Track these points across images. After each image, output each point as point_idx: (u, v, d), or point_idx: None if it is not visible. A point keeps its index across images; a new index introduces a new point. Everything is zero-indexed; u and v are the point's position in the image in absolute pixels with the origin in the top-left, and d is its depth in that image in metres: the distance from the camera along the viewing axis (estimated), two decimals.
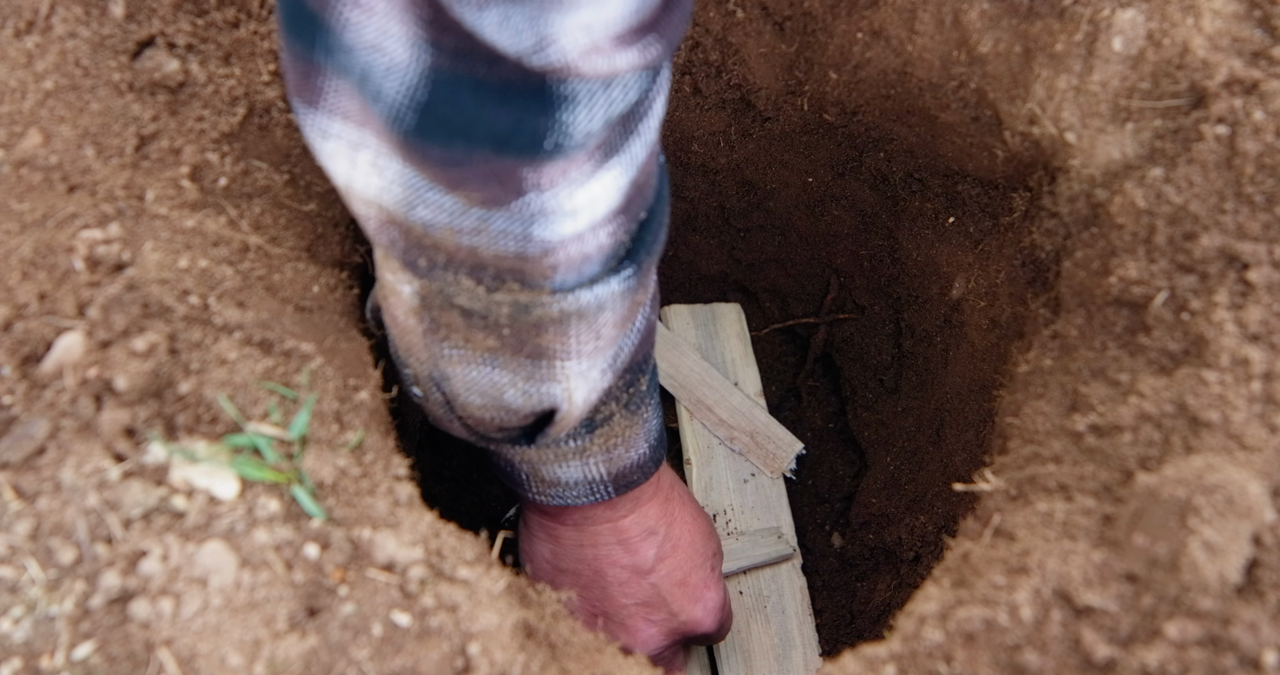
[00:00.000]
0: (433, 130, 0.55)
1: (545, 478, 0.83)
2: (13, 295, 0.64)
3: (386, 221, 0.62)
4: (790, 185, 1.14)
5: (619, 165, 0.60)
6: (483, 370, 0.70)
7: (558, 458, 0.81)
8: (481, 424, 0.76)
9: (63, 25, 0.76)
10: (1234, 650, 0.55)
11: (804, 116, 1.03)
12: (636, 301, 0.70)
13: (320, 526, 0.61)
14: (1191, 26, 0.75)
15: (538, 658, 0.62)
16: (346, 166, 0.60)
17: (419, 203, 0.59)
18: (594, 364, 0.71)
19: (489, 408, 0.73)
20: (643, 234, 0.67)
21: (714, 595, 0.96)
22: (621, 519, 0.89)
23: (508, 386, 0.71)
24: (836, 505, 1.27)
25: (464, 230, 0.60)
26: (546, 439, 0.77)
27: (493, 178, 0.56)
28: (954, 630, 0.61)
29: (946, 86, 0.87)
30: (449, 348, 0.69)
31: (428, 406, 0.77)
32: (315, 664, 0.56)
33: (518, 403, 0.72)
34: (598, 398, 0.76)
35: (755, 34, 0.99)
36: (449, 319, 0.67)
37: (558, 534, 0.90)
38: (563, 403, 0.72)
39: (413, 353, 0.72)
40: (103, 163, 0.73)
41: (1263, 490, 0.58)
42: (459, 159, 0.56)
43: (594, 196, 0.60)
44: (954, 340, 1.04)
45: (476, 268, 0.63)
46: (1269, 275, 0.66)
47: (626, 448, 0.83)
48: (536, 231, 0.60)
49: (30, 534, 0.57)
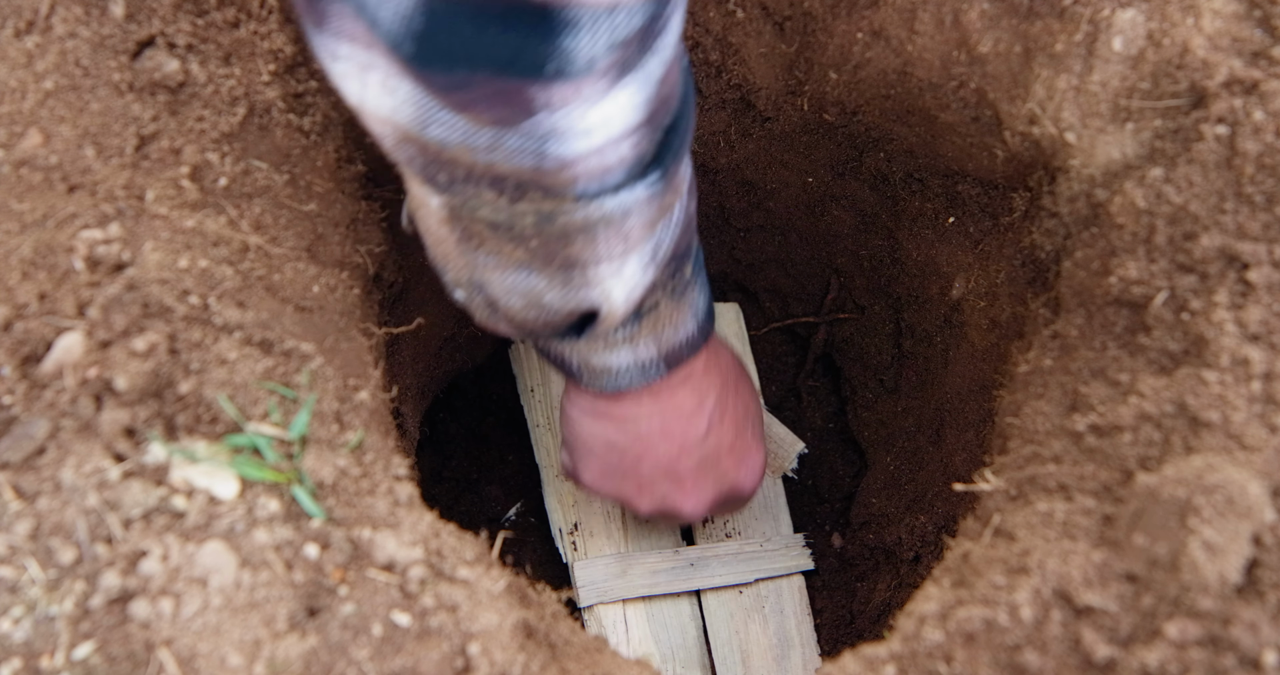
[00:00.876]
0: (432, 57, 0.54)
1: (596, 366, 0.85)
2: (13, 295, 0.64)
3: (402, 139, 0.62)
4: (790, 185, 1.14)
5: (634, 83, 0.60)
6: (519, 275, 0.71)
7: (608, 346, 0.82)
8: (526, 323, 0.77)
9: (63, 25, 0.76)
10: (1234, 650, 0.55)
11: (804, 116, 1.03)
12: (665, 203, 0.70)
13: (320, 526, 0.61)
14: (1191, 26, 0.75)
15: (538, 658, 0.62)
16: (358, 87, 0.60)
17: (431, 122, 0.59)
18: (626, 263, 0.71)
19: (531, 308, 0.74)
20: (668, 139, 0.67)
21: (757, 457, 1.00)
22: (674, 392, 0.90)
23: (546, 290, 0.72)
24: (836, 505, 1.27)
25: (479, 148, 0.60)
26: (594, 334, 0.79)
27: (499, 99, 0.56)
28: (954, 630, 0.61)
29: (946, 86, 0.87)
30: (483, 255, 0.70)
31: (471, 308, 0.78)
32: (315, 664, 0.56)
33: (557, 304, 0.73)
34: (641, 293, 0.76)
35: (755, 34, 0.99)
36: (478, 229, 0.67)
37: (610, 412, 0.91)
38: (602, 304, 0.74)
39: (450, 260, 0.74)
40: (103, 163, 0.73)
41: (1263, 490, 0.58)
42: (462, 82, 0.55)
43: (609, 115, 0.60)
44: (954, 340, 1.04)
45: (497, 180, 0.63)
46: (1269, 275, 0.66)
47: (675, 329, 0.84)
48: (551, 149, 0.60)
49: (30, 534, 0.57)
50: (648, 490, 0.96)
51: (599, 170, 0.63)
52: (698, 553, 1.15)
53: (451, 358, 1.18)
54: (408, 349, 1.03)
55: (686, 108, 0.68)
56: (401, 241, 0.95)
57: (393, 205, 0.92)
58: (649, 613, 1.14)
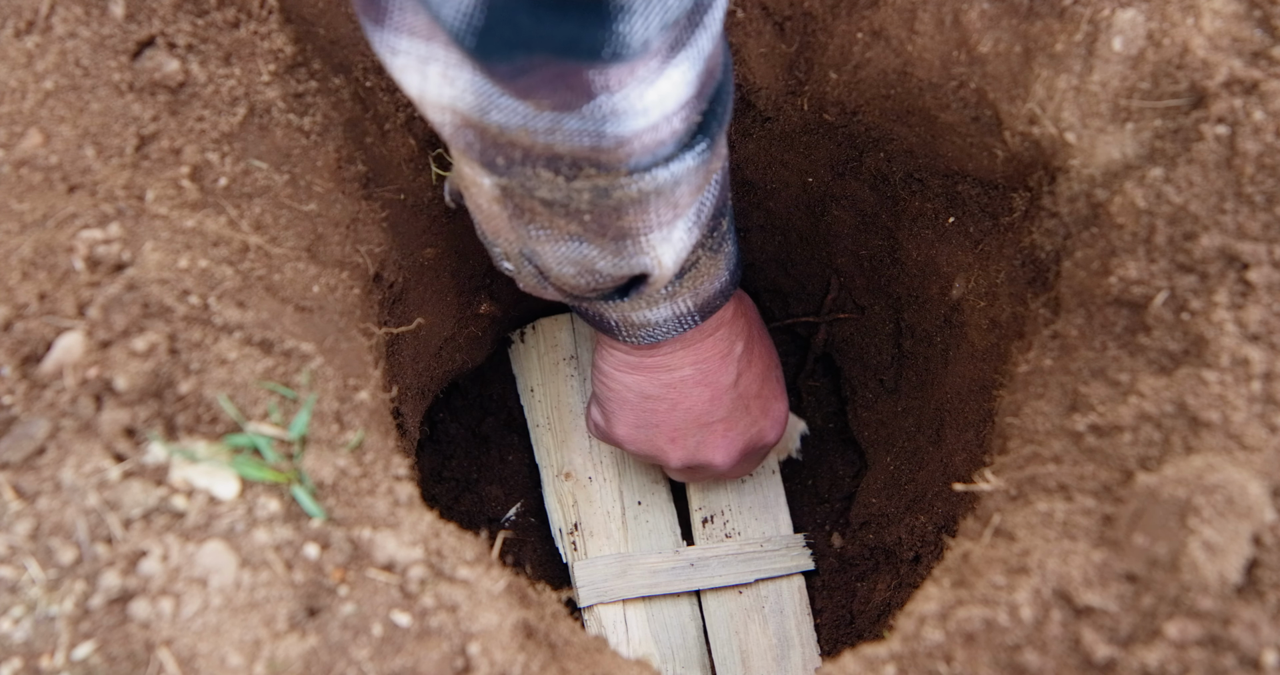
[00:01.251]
0: (493, 49, 0.56)
1: (636, 322, 0.87)
2: (13, 295, 0.64)
3: (462, 125, 0.64)
4: (790, 185, 1.14)
5: (687, 60, 0.62)
6: (571, 245, 0.73)
7: (650, 303, 0.85)
8: (577, 289, 0.79)
9: (63, 25, 0.76)
10: (1234, 650, 0.55)
11: (804, 116, 1.03)
12: (710, 168, 0.72)
13: (320, 526, 0.61)
14: (1191, 26, 0.75)
15: (538, 658, 0.62)
16: (419, 79, 0.62)
17: (492, 108, 0.61)
18: (675, 227, 0.74)
19: (582, 275, 0.76)
20: (713, 108, 0.68)
21: (780, 406, 1.04)
22: (706, 340, 0.93)
23: (598, 258, 0.74)
24: (836, 505, 1.27)
25: (538, 130, 0.62)
26: (641, 293, 0.81)
27: (561, 83, 0.58)
28: (954, 630, 0.61)
29: (946, 86, 0.87)
30: (535, 229, 0.72)
31: (520, 277, 0.81)
32: (315, 664, 0.56)
33: (609, 270, 0.75)
34: (687, 253, 0.79)
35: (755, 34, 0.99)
36: (531, 205, 0.69)
37: (645, 363, 0.94)
38: (654, 269, 0.76)
39: (500, 234, 0.76)
40: (103, 163, 0.73)
41: (1263, 490, 0.58)
42: (522, 69, 0.57)
43: (664, 93, 0.62)
44: (954, 340, 1.04)
45: (553, 159, 0.65)
46: (1269, 275, 0.66)
47: (711, 281, 0.86)
48: (610, 129, 0.62)
49: (30, 534, 0.57)
50: (680, 441, 0.98)
51: (653, 144, 0.65)
52: (698, 553, 1.15)
53: (451, 358, 1.18)
54: (408, 349, 1.03)
55: (727, 76, 0.70)
56: (402, 241, 0.95)
57: (393, 205, 0.92)
58: (649, 613, 1.14)
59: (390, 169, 0.89)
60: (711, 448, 1.00)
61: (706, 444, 0.99)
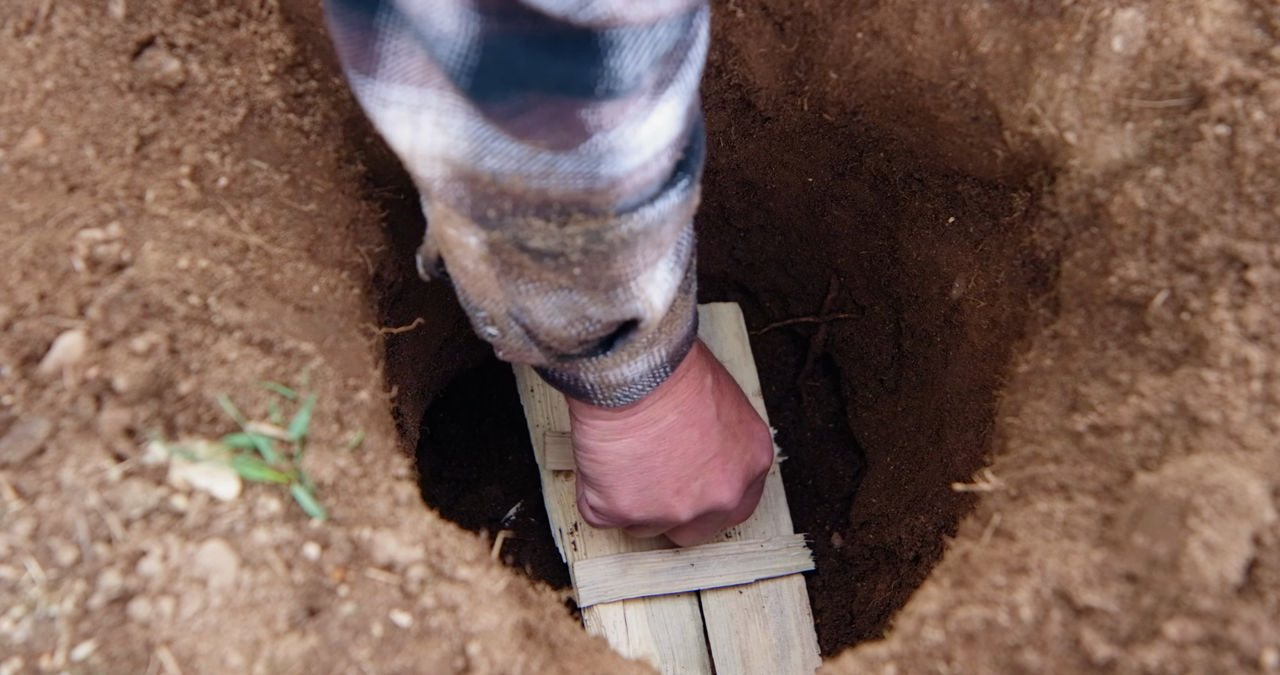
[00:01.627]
0: (489, 88, 0.56)
1: (613, 382, 0.86)
2: (13, 295, 0.64)
3: (453, 178, 0.63)
4: (790, 185, 1.14)
5: (676, 95, 0.62)
6: (562, 294, 0.72)
7: (629, 356, 0.83)
8: (565, 342, 0.78)
9: (63, 25, 0.76)
10: (1234, 650, 0.55)
11: (804, 116, 1.03)
12: (692, 205, 0.71)
13: (320, 526, 0.61)
14: (1191, 26, 0.75)
15: (538, 658, 0.62)
16: (410, 131, 0.61)
17: (486, 153, 0.60)
18: (658, 267, 0.73)
19: (574, 324, 0.75)
20: (693, 145, 0.68)
21: (762, 428, 1.03)
22: (680, 382, 0.92)
23: (588, 304, 0.73)
24: (836, 505, 1.27)
25: (533, 175, 0.61)
26: (629, 342, 0.80)
27: (558, 123, 0.58)
28: (954, 630, 0.61)
29: (946, 86, 0.87)
30: (524, 284, 0.71)
31: (503, 342, 0.80)
32: (315, 664, 0.56)
33: (600, 316, 0.74)
34: (675, 294, 0.78)
35: (755, 34, 0.99)
36: (520, 260, 0.68)
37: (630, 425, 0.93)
38: (645, 313, 0.75)
39: (487, 295, 0.74)
40: (103, 163, 0.73)
41: (1263, 490, 0.58)
42: (519, 108, 0.57)
43: (656, 129, 0.61)
44: (954, 340, 1.04)
45: (543, 207, 0.64)
46: (1269, 275, 0.66)
47: (682, 324, 0.86)
48: (604, 170, 0.61)
49: (30, 534, 0.57)
50: (684, 490, 0.97)
51: (642, 183, 0.64)
52: (698, 553, 1.15)
53: (451, 358, 1.18)
54: (408, 349, 1.03)
55: (700, 112, 0.69)
56: (402, 241, 0.95)
57: (393, 205, 0.92)
58: (649, 613, 1.14)
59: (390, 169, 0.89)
60: (715, 486, 0.98)
61: (710, 484, 0.98)
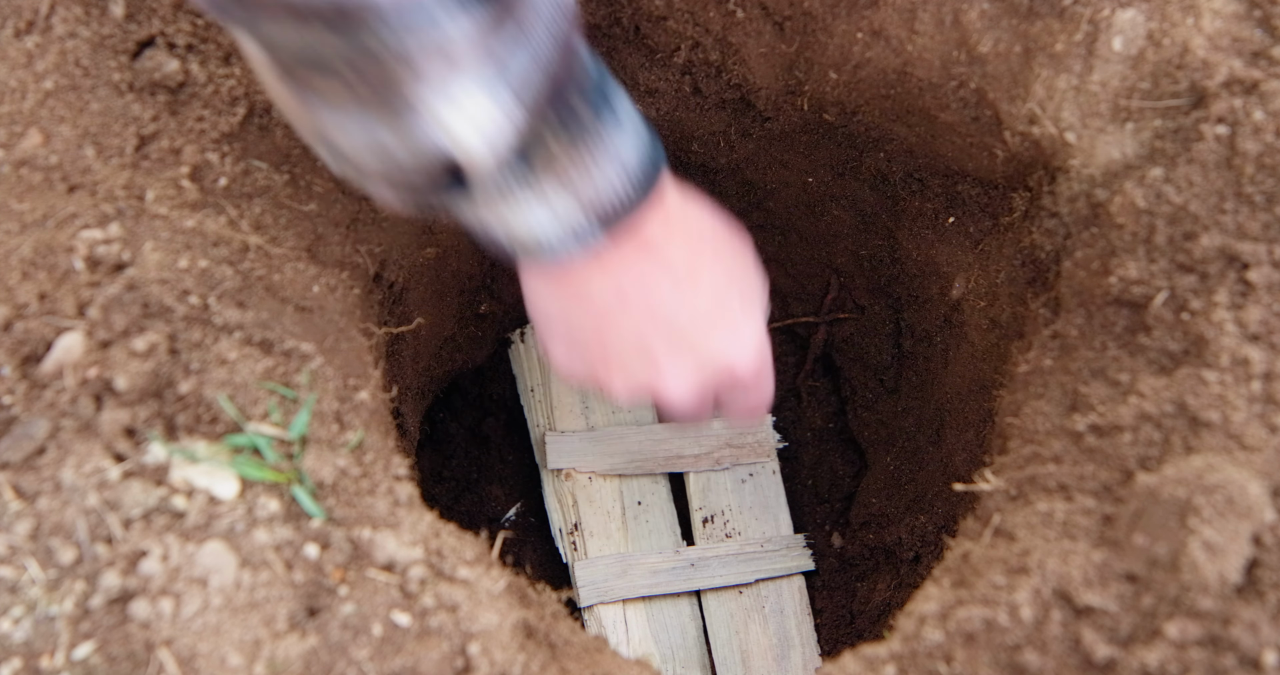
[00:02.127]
0: None
1: (520, 231, 0.76)
2: (13, 295, 0.64)
3: None
4: (790, 185, 1.14)
5: None
6: (353, 121, 0.66)
7: (508, 199, 0.74)
8: (392, 177, 0.71)
9: (63, 25, 0.76)
10: (1234, 650, 0.55)
11: (804, 116, 1.03)
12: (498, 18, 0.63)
13: (320, 526, 0.61)
14: (1191, 26, 0.75)
15: (538, 658, 0.62)
16: None
17: None
18: (463, 87, 0.65)
19: (380, 159, 0.68)
20: None
21: (745, 330, 0.87)
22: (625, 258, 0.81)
23: (382, 132, 0.66)
24: (836, 505, 1.27)
25: None
26: (475, 184, 0.71)
27: None
28: (954, 630, 0.61)
29: (946, 86, 0.87)
30: (316, 100, 0.65)
31: (354, 179, 0.73)
32: (315, 664, 0.56)
33: (400, 149, 0.67)
34: (503, 129, 0.69)
35: (755, 34, 0.99)
36: (301, 73, 0.63)
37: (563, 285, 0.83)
38: (448, 145, 0.67)
39: (301, 121, 0.69)
40: (103, 163, 0.73)
41: (1263, 490, 0.58)
42: None
43: None
44: (954, 340, 1.04)
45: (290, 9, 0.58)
46: (1269, 275, 0.66)
47: (591, 180, 0.75)
48: None
49: (30, 534, 0.57)
50: (619, 369, 0.85)
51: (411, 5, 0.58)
52: (698, 553, 1.15)
53: (451, 358, 1.18)
54: (408, 349, 1.03)
55: None
56: (402, 241, 0.95)
57: None
58: (649, 613, 1.14)
59: None
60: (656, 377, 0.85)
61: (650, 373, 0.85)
